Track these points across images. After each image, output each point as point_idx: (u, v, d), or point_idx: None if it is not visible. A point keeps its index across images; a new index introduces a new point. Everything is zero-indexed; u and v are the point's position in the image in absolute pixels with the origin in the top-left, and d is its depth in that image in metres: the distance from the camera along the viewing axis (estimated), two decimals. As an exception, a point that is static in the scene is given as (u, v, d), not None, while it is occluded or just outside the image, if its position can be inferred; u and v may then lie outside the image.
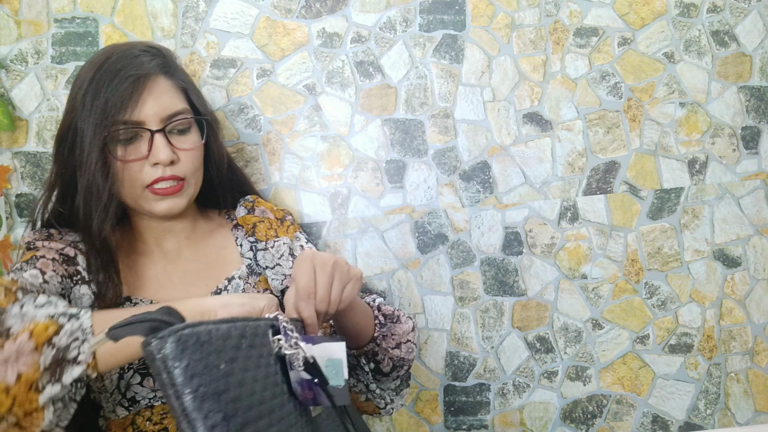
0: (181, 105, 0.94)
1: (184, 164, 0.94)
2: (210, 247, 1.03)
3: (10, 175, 1.18)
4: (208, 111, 1.01)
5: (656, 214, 1.27)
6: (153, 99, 0.91)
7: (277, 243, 1.04)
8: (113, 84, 0.89)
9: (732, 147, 1.28)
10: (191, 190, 0.96)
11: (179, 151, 0.93)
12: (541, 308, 1.25)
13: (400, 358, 0.97)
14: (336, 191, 1.23)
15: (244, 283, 0.99)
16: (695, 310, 1.27)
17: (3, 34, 1.18)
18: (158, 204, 0.93)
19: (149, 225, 0.99)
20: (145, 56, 0.93)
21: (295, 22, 1.22)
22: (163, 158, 0.90)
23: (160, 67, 0.94)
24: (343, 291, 0.79)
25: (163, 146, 0.90)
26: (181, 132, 0.94)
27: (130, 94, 0.89)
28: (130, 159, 0.91)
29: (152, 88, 0.91)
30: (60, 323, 0.68)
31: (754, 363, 1.28)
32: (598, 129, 1.26)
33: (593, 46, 1.26)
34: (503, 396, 1.25)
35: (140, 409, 0.89)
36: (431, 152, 1.24)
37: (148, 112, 0.90)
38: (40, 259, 0.87)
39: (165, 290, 0.96)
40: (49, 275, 0.85)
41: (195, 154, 0.96)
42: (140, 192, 0.92)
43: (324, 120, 1.23)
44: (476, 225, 1.24)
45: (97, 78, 0.90)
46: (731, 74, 1.28)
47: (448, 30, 1.24)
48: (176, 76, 0.96)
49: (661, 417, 1.27)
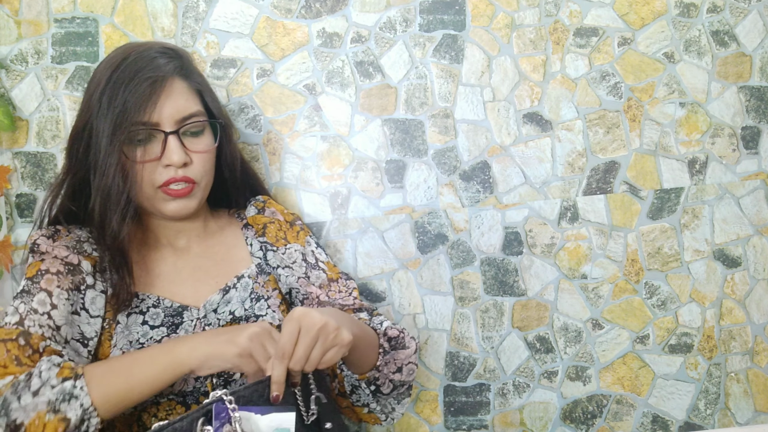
0: (195, 107, 0.95)
1: (196, 166, 0.95)
2: (220, 245, 1.04)
3: (10, 175, 1.18)
4: (223, 114, 1.02)
5: (656, 214, 1.27)
6: (170, 101, 0.92)
7: (289, 250, 1.04)
8: (131, 85, 0.90)
9: (732, 147, 1.28)
10: (201, 192, 0.97)
11: (192, 153, 0.94)
12: (541, 308, 1.25)
13: (400, 381, 0.98)
14: (336, 191, 1.23)
15: (253, 282, 1.00)
16: (695, 310, 1.27)
17: (3, 34, 1.18)
18: (169, 205, 0.94)
19: (161, 223, 1.00)
20: (162, 58, 0.94)
21: (295, 22, 1.22)
22: (176, 160, 0.91)
23: (177, 69, 0.95)
24: (323, 355, 0.79)
25: (176, 148, 0.92)
26: (195, 134, 0.95)
27: (148, 95, 0.90)
28: (145, 160, 0.92)
29: (169, 91, 0.92)
30: (65, 415, 0.76)
31: (754, 363, 1.28)
32: (598, 129, 1.26)
33: (593, 46, 1.26)
34: (503, 396, 1.25)
35: (146, 406, 0.89)
36: (431, 152, 1.24)
37: (164, 114, 0.91)
38: (44, 275, 0.89)
39: (174, 286, 0.98)
40: (56, 295, 0.88)
41: (207, 157, 0.97)
42: (153, 192, 0.93)
43: (324, 120, 1.23)
44: (476, 225, 1.24)
45: (114, 78, 0.91)
46: (731, 74, 1.28)
47: (448, 30, 1.24)
48: (192, 78, 0.97)
49: (661, 417, 1.27)
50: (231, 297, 0.98)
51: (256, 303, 0.98)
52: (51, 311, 0.87)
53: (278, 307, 1.00)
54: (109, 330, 0.92)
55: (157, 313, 0.94)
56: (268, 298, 1.00)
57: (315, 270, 1.04)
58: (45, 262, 0.91)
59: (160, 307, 0.95)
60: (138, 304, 0.95)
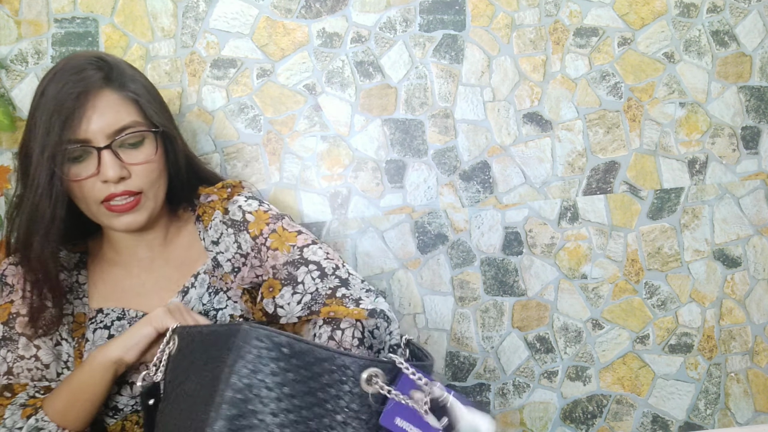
0: (129, 118, 0.89)
1: (137, 178, 0.90)
2: (178, 248, 1.01)
3: (10, 175, 1.18)
4: (163, 121, 0.94)
5: (656, 214, 1.27)
6: (97, 115, 0.87)
7: (213, 223, 0.99)
8: (57, 101, 0.86)
9: (732, 147, 1.28)
10: (150, 204, 0.92)
11: (131, 165, 0.89)
12: (541, 308, 1.25)
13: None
14: (336, 191, 1.23)
15: (210, 276, 0.96)
16: (695, 310, 1.27)
17: (3, 34, 1.18)
18: (117, 220, 0.91)
19: (121, 236, 0.97)
20: (89, 69, 0.88)
21: (295, 22, 1.22)
22: (111, 176, 0.87)
23: (105, 79, 0.89)
24: None
25: (111, 163, 0.87)
26: (133, 145, 0.90)
27: (72, 111, 0.85)
28: (81, 178, 0.88)
29: (96, 104, 0.87)
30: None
31: (754, 363, 1.28)
32: (598, 129, 1.26)
33: (593, 46, 1.26)
34: (503, 396, 1.25)
35: (127, 415, 0.90)
36: (431, 152, 1.24)
37: (93, 128, 0.86)
38: (17, 319, 0.91)
39: (140, 298, 0.96)
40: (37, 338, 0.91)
41: (149, 168, 0.91)
42: (96, 208, 0.90)
43: (324, 120, 1.23)
44: (476, 225, 1.24)
45: (44, 94, 0.87)
46: (731, 74, 1.28)
47: (448, 30, 1.24)
48: (125, 87, 0.90)
49: (661, 417, 1.27)
50: (191, 296, 0.95)
51: (215, 296, 0.95)
52: (37, 353, 0.89)
53: (240, 297, 0.96)
54: (79, 348, 0.92)
55: (123, 324, 0.93)
56: (227, 290, 0.96)
57: (242, 234, 0.97)
58: (14, 304, 0.92)
59: (125, 319, 0.93)
60: (102, 319, 0.93)
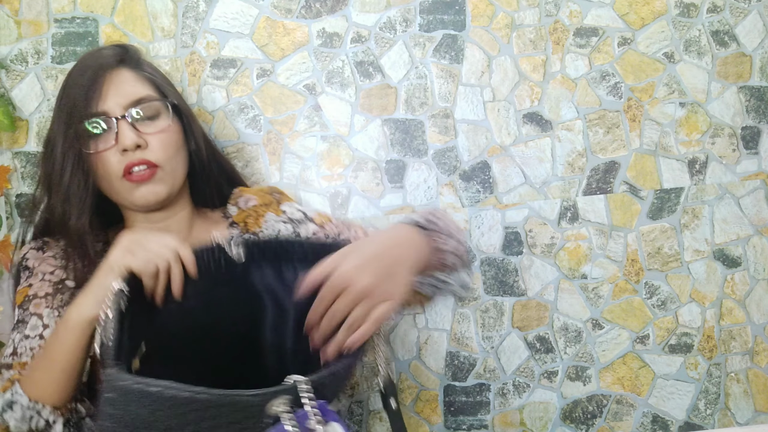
0: (144, 92, 0.94)
1: (154, 149, 0.92)
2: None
3: (10, 175, 1.18)
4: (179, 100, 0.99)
5: (656, 214, 1.27)
6: (114, 88, 0.92)
7: (267, 223, 1.01)
8: (77, 82, 0.91)
9: (732, 147, 1.28)
10: (170, 178, 0.94)
11: (147, 135, 0.92)
12: (541, 308, 1.25)
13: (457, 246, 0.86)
14: (336, 191, 1.23)
15: None
16: (695, 310, 1.27)
17: (3, 34, 1.18)
18: (135, 192, 0.92)
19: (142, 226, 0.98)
20: (107, 50, 0.95)
21: (295, 22, 1.22)
22: (128, 143, 0.90)
23: (120, 59, 0.94)
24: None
25: (127, 131, 0.90)
26: (150, 118, 0.93)
27: (90, 86, 0.90)
28: (101, 150, 0.91)
29: (113, 79, 0.92)
30: (7, 423, 0.79)
31: (754, 363, 1.28)
32: (598, 129, 1.26)
33: (593, 46, 1.26)
34: (503, 396, 1.25)
35: None
36: (431, 152, 1.24)
37: (109, 101, 0.91)
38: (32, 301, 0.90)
39: None
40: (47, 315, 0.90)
41: (165, 138, 0.94)
42: (118, 183, 0.92)
43: (324, 120, 1.23)
44: (476, 225, 1.24)
45: (66, 82, 0.93)
46: (731, 74, 1.28)
47: (448, 30, 1.24)
48: (141, 68, 0.96)
49: (661, 417, 1.27)
50: None
51: None
52: (43, 332, 0.88)
53: None
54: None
55: None
56: None
57: (303, 224, 1.01)
58: (33, 287, 0.92)
59: None
60: None
